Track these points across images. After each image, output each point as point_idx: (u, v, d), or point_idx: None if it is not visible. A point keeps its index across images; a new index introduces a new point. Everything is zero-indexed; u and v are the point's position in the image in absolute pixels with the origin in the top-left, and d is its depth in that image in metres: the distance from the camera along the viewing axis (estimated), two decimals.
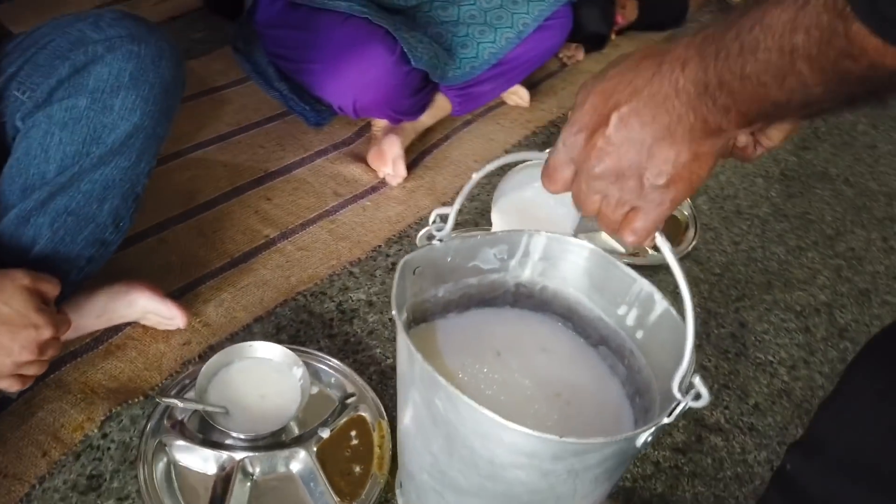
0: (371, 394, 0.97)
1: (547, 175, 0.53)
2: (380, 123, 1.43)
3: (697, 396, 0.58)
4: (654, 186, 0.47)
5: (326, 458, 0.90)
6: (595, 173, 0.49)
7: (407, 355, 0.63)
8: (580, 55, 1.86)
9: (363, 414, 0.96)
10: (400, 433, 0.73)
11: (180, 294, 1.07)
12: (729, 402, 1.13)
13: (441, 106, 1.50)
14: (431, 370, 0.59)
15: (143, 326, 1.01)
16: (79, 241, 0.81)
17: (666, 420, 0.59)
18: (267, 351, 0.96)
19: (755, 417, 1.12)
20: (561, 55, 1.85)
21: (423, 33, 1.44)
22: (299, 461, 0.89)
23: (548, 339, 0.77)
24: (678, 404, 0.58)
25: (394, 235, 1.27)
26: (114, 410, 0.91)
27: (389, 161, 1.34)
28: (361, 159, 1.41)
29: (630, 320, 0.73)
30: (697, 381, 0.57)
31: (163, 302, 0.96)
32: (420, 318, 0.72)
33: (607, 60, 1.90)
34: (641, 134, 0.46)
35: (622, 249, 1.35)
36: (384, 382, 1.03)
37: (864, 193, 1.69)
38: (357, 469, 0.90)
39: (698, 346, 1.22)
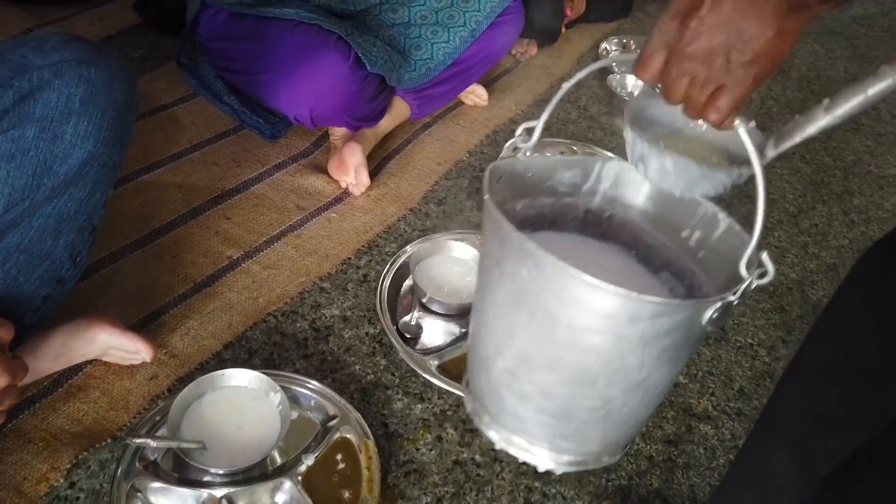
0: (354, 414, 0.93)
1: (640, 63, 0.57)
2: (338, 132, 1.39)
3: (763, 275, 0.61)
4: (741, 63, 0.52)
5: (313, 486, 0.86)
6: (687, 53, 0.54)
7: (496, 232, 0.66)
8: (533, 50, 1.84)
9: (348, 436, 0.92)
10: (474, 327, 0.76)
11: (143, 325, 1.01)
12: (715, 389, 1.13)
13: (399, 110, 1.46)
14: (524, 238, 0.62)
15: (105, 363, 0.95)
16: (33, 279, 0.76)
17: (731, 297, 0.60)
18: (241, 378, 0.91)
19: (742, 402, 1.11)
20: (514, 51, 1.83)
21: (375, 37, 1.40)
22: (285, 492, 0.85)
23: (609, 263, 0.80)
24: (744, 283, 0.61)
25: (363, 246, 1.23)
26: (80, 457, 0.85)
27: (351, 170, 1.30)
28: (322, 170, 1.36)
29: (693, 242, 0.75)
30: (765, 256, 0.60)
31: (125, 335, 0.91)
32: None
33: (560, 54, 1.89)
34: (732, 13, 0.51)
35: None
36: (366, 400, 0.99)
37: (821, 169, 1.72)
38: (346, 494, 0.86)
39: None
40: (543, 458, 0.73)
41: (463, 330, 1.12)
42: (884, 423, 0.61)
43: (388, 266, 1.16)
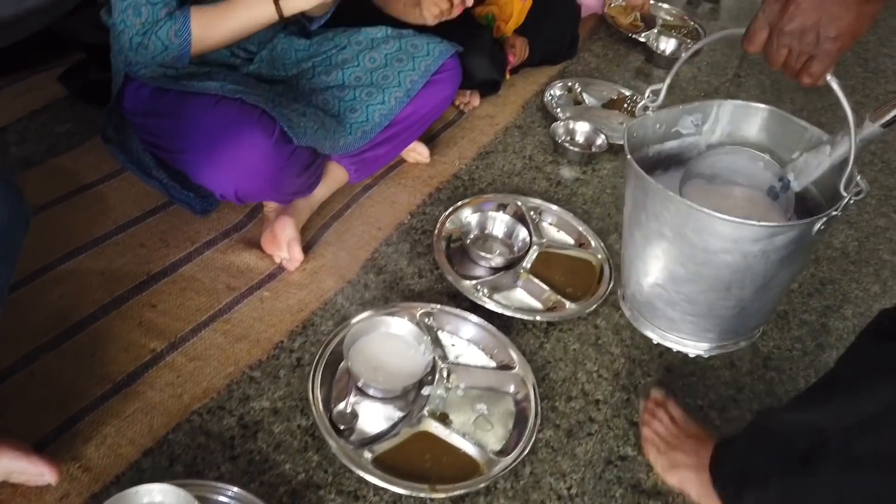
0: None
1: (748, 38, 0.75)
2: (271, 204, 1.35)
3: (858, 192, 0.77)
4: (828, 38, 0.68)
5: None
6: (786, 30, 0.70)
7: (640, 184, 0.87)
8: (476, 101, 1.82)
9: None
10: (627, 255, 0.99)
11: (55, 436, 0.95)
12: None
13: (336, 176, 1.43)
14: (664, 189, 0.83)
15: (12, 485, 0.89)
16: None
17: (834, 212, 0.78)
18: (154, 494, 0.86)
19: None
20: (457, 102, 1.81)
21: (307, 103, 1.36)
22: None
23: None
24: (843, 199, 0.77)
25: (296, 327, 1.18)
26: None
27: (284, 245, 1.26)
28: (256, 244, 1.31)
29: (801, 162, 0.92)
30: (859, 177, 0.78)
31: (27, 458, 0.85)
32: None
33: (505, 102, 1.87)
34: (822, 0, 0.67)
35: (540, 306, 1.31)
36: None
37: None
38: None
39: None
40: (692, 347, 0.98)
41: (401, 414, 1.07)
42: None
43: (322, 348, 1.12)
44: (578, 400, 1.16)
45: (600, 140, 1.74)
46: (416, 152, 1.60)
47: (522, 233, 1.43)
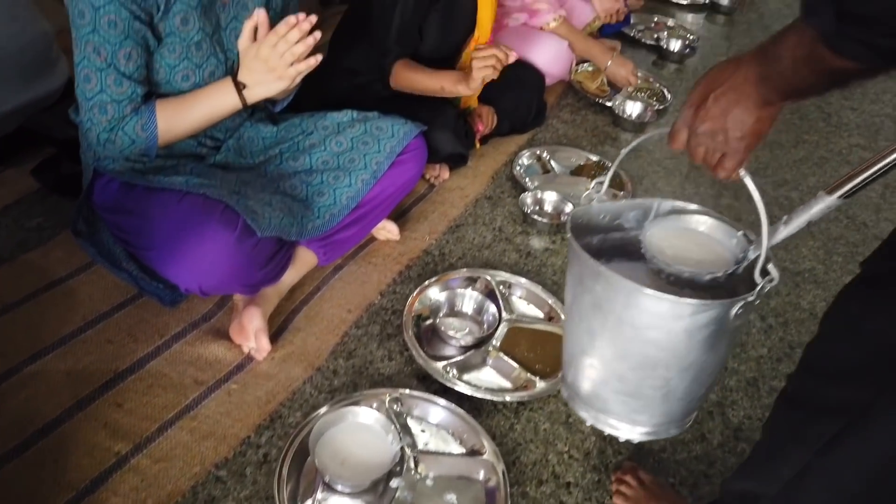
0: None
1: (671, 136, 0.83)
2: None
3: (771, 280, 0.81)
4: (735, 138, 0.76)
5: None
6: (699, 132, 0.79)
7: (576, 259, 0.91)
8: (445, 174, 1.85)
9: None
10: (566, 331, 1.00)
11: None
12: None
13: (305, 260, 1.44)
14: (597, 263, 0.86)
15: None
16: None
17: (750, 298, 0.80)
18: None
19: None
20: (427, 176, 1.84)
21: (274, 190, 1.39)
22: None
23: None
24: (758, 287, 0.80)
25: (264, 420, 1.18)
26: None
27: (251, 335, 1.26)
28: (225, 334, 1.32)
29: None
30: (771, 266, 0.81)
31: None
32: None
33: (475, 173, 1.89)
34: (727, 106, 0.76)
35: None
36: None
37: None
38: None
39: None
40: (624, 431, 0.95)
41: None
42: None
43: (288, 442, 1.11)
44: (549, 484, 1.15)
45: (568, 209, 1.77)
46: (386, 230, 1.63)
47: (492, 308, 1.45)
